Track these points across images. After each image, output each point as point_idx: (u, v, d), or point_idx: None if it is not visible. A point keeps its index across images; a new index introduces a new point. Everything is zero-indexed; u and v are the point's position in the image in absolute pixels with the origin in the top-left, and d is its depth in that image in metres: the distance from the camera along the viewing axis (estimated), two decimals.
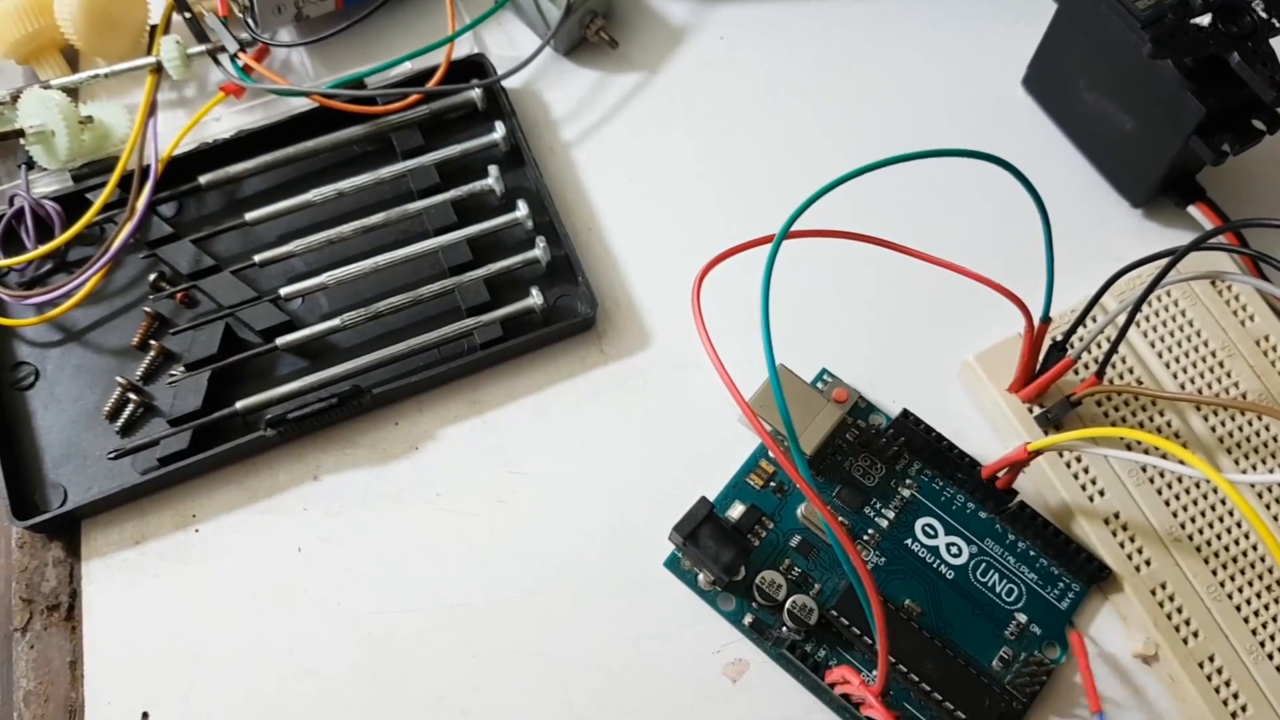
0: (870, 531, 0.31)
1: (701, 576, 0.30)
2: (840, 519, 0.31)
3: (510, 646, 0.30)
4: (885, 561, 0.31)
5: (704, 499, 0.30)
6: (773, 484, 0.32)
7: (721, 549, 0.29)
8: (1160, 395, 0.32)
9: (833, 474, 0.32)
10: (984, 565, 0.31)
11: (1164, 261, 0.29)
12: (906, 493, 0.32)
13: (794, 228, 0.26)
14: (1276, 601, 0.30)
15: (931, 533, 0.31)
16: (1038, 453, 0.28)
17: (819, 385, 0.33)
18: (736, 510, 0.31)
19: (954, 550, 0.31)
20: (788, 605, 0.30)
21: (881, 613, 0.23)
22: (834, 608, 0.29)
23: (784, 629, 0.30)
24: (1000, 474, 0.30)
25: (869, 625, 0.28)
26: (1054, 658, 0.30)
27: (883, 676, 0.25)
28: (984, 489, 0.31)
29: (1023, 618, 0.30)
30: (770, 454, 0.32)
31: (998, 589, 0.31)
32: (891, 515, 0.32)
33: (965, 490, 0.32)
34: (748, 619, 0.30)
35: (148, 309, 0.34)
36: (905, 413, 0.32)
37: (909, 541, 0.31)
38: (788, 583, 0.30)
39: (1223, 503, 0.31)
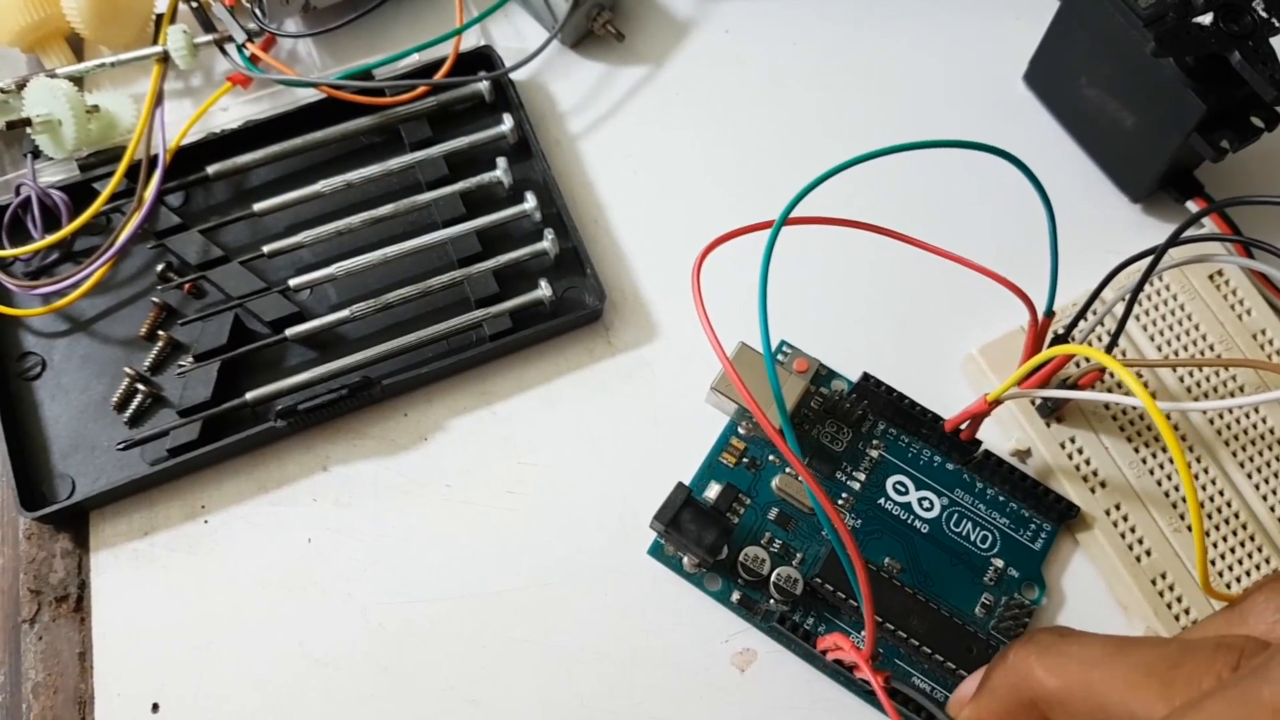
0: (844, 495, 0.32)
1: (686, 560, 0.31)
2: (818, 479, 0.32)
3: (520, 636, 0.31)
4: (861, 523, 0.32)
5: (680, 484, 0.30)
6: (745, 460, 0.32)
7: (703, 531, 0.29)
8: (1141, 363, 0.33)
9: (802, 443, 0.33)
10: (956, 515, 0.32)
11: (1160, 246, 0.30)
12: (875, 453, 0.33)
13: (800, 214, 0.26)
14: (1235, 534, 0.32)
15: (903, 490, 0.32)
16: (997, 402, 0.29)
17: (779, 357, 0.34)
18: (713, 491, 0.32)
19: (926, 504, 0.32)
20: (772, 578, 0.30)
21: (865, 573, 0.24)
22: (817, 575, 0.30)
23: (771, 602, 0.31)
24: (963, 426, 0.31)
25: (853, 588, 0.28)
26: (1033, 598, 0.31)
27: (871, 639, 0.26)
28: (949, 442, 0.32)
29: (999, 562, 0.31)
30: (740, 430, 0.33)
31: (972, 537, 0.32)
32: (863, 477, 0.32)
33: (931, 445, 0.33)
34: (735, 596, 0.31)
35: (155, 299, 0.34)
36: (865, 375, 0.33)
37: (882, 501, 0.32)
38: (770, 556, 0.31)
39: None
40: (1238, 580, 0.31)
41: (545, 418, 0.34)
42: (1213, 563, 0.31)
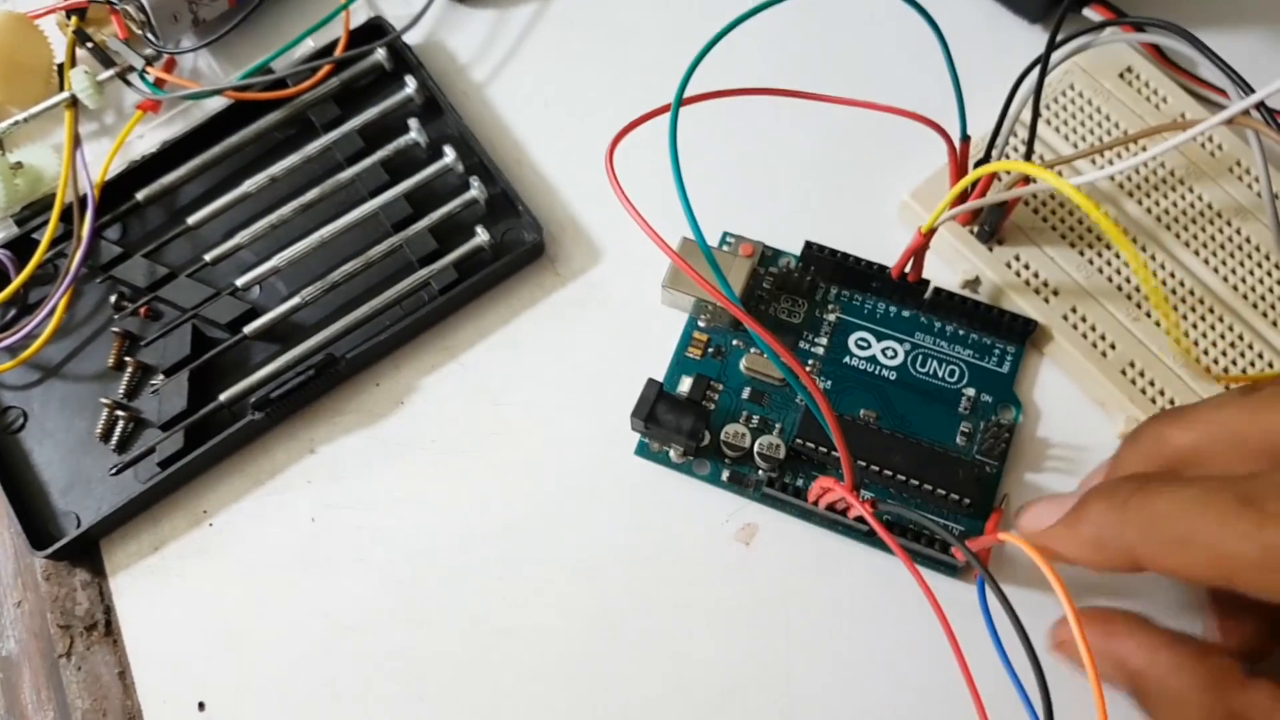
0: (810, 362, 0.33)
1: (672, 452, 0.32)
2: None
3: (532, 563, 0.32)
4: (831, 384, 0.33)
5: (651, 380, 0.31)
6: (710, 350, 0.33)
7: (681, 419, 0.30)
8: (1058, 160, 0.33)
9: (761, 322, 0.33)
10: (921, 357, 0.33)
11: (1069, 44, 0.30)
12: (832, 317, 0.33)
13: (698, 92, 0.27)
14: (1194, 310, 0.32)
15: (865, 345, 0.33)
16: (932, 232, 0.30)
17: (724, 248, 0.35)
18: (685, 384, 0.32)
19: (890, 353, 0.33)
20: (756, 448, 0.31)
21: (822, 397, 0.24)
22: (798, 436, 0.31)
23: (759, 472, 0.32)
24: (908, 269, 0.32)
25: (827, 434, 0.29)
26: (1011, 419, 0.32)
27: (848, 468, 0.26)
28: (900, 289, 0.33)
29: (971, 391, 0.32)
30: (700, 323, 0.34)
31: (940, 374, 0.32)
32: (825, 341, 0.33)
33: (883, 296, 0.34)
34: (725, 475, 0.32)
35: (116, 329, 0.35)
36: (808, 244, 0.33)
37: (847, 359, 0.33)
38: (750, 431, 0.32)
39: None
40: (1211, 354, 0.32)
41: (511, 357, 0.34)
42: (1177, 341, 0.32)
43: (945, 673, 0.25)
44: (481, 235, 0.34)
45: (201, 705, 0.31)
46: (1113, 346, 0.32)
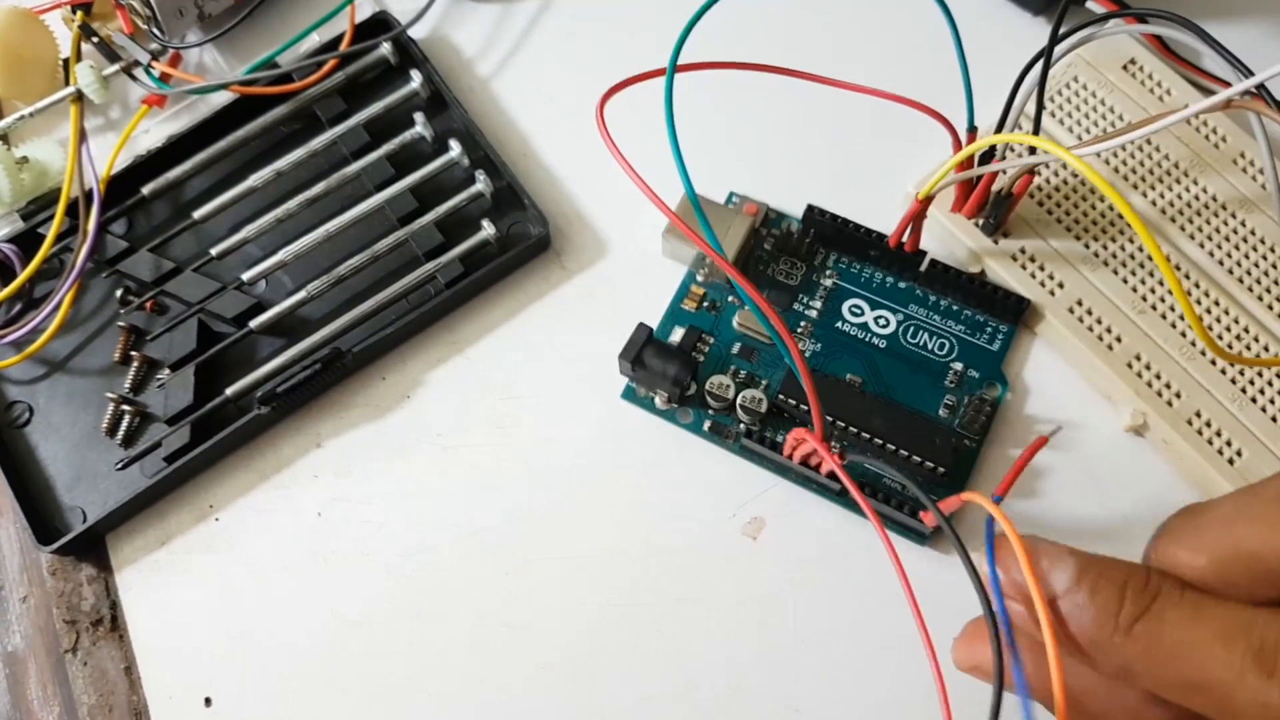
0: (802, 324, 0.33)
1: (657, 398, 0.32)
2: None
3: (537, 557, 0.32)
4: (821, 347, 0.33)
5: (642, 324, 0.31)
6: (705, 304, 0.34)
7: (667, 364, 0.31)
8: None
9: (757, 282, 0.34)
10: (912, 328, 0.33)
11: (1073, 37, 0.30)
12: (828, 282, 0.34)
13: (696, 60, 0.26)
14: (1198, 302, 0.32)
15: (858, 311, 0.33)
16: (929, 199, 0.30)
17: (730, 205, 0.35)
18: (677, 334, 0.33)
19: (882, 322, 0.33)
20: (739, 401, 0.32)
21: (793, 343, 0.24)
22: (780, 392, 0.31)
23: (740, 425, 0.32)
24: (905, 237, 0.32)
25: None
26: (996, 396, 0.32)
27: (817, 417, 0.26)
28: (897, 259, 0.33)
29: (959, 366, 0.32)
30: (698, 278, 0.34)
31: (930, 346, 0.33)
32: (819, 305, 0.33)
33: (881, 265, 0.34)
34: (706, 425, 0.32)
35: (121, 324, 0.35)
36: (810, 207, 0.34)
37: (839, 324, 0.33)
38: (735, 384, 0.32)
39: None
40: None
41: (517, 351, 0.34)
42: (1183, 334, 0.32)
43: (911, 635, 0.25)
44: (487, 229, 0.34)
45: (208, 701, 0.31)
46: (1119, 339, 0.32)
